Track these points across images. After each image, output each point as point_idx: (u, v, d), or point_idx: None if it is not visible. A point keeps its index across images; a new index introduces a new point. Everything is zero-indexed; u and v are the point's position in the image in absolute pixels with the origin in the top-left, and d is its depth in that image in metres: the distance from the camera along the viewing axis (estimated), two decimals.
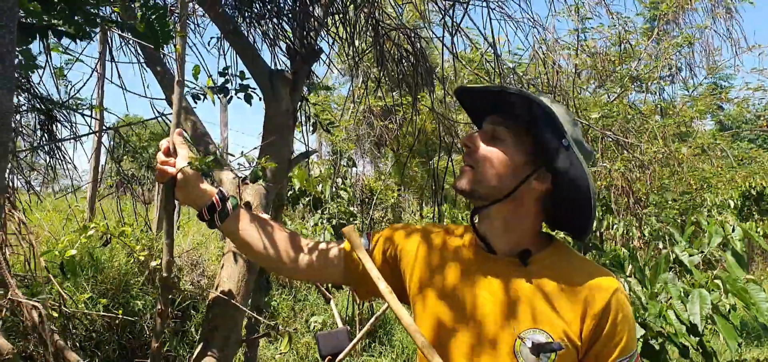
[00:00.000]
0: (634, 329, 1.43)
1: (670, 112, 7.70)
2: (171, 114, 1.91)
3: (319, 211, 6.02)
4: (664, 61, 6.96)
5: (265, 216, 1.64)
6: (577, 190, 1.39)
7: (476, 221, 1.50)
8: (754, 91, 7.26)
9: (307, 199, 6.17)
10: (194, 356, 1.88)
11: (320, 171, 6.31)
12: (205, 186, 1.53)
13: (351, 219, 6.40)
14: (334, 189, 6.17)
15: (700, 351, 3.23)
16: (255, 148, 1.81)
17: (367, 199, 8.47)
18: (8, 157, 0.81)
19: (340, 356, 3.55)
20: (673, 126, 7.46)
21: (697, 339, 3.17)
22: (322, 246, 1.63)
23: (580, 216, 1.44)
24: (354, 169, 7.90)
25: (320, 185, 6.22)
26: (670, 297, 3.15)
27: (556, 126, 1.36)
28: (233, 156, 1.84)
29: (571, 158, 1.36)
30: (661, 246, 4.13)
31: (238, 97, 2.39)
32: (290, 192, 6.19)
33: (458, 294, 1.45)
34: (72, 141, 2.68)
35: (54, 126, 2.82)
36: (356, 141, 8.30)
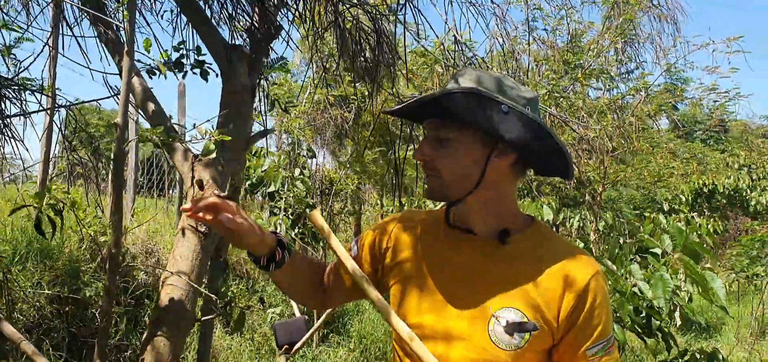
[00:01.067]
0: (611, 313, 1.43)
1: (626, 107, 7.85)
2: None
3: (273, 201, 5.95)
4: (612, 45, 7.08)
5: (300, 253, 1.69)
6: (540, 143, 1.38)
7: (452, 210, 1.52)
8: (709, 90, 7.43)
9: (263, 189, 6.09)
10: (145, 335, 1.82)
11: (274, 160, 6.21)
12: (259, 229, 1.47)
13: (308, 209, 6.34)
14: (290, 179, 6.10)
15: (661, 335, 3.33)
16: (208, 120, 1.75)
17: (327, 190, 8.42)
18: None
19: (297, 345, 3.52)
20: (628, 119, 7.61)
21: (658, 322, 3.26)
22: (331, 270, 1.74)
23: (558, 162, 1.44)
24: (314, 159, 7.84)
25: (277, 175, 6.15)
26: (636, 281, 3.26)
27: (487, 100, 1.34)
28: (184, 128, 1.77)
29: (521, 119, 1.35)
30: (621, 241, 4.25)
31: (194, 73, 2.33)
32: (248, 182, 6.10)
33: (434, 274, 1.45)
34: (21, 118, 2.57)
35: (2, 103, 2.71)
36: (316, 131, 8.25)
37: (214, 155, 1.82)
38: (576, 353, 1.38)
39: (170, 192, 11.91)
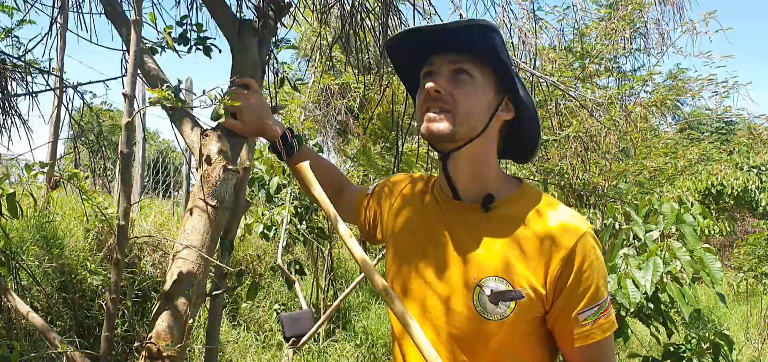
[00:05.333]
0: (605, 276, 1.37)
1: (630, 107, 7.80)
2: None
3: (279, 194, 5.92)
4: (619, 35, 7.04)
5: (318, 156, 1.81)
6: (529, 115, 1.40)
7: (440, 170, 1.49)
8: (707, 81, 7.35)
9: (267, 184, 6.05)
10: (155, 309, 1.80)
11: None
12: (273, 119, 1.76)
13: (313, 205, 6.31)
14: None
15: (661, 321, 3.27)
16: (214, 88, 1.72)
17: None
18: None
19: (304, 338, 3.49)
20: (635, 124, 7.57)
21: (653, 306, 3.21)
22: (353, 190, 1.86)
23: (530, 141, 1.46)
24: (320, 153, 7.83)
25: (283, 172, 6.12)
26: (628, 268, 3.19)
27: (505, 47, 1.34)
28: (194, 94, 1.74)
29: (523, 84, 1.38)
30: (617, 226, 4.17)
31: (198, 49, 2.31)
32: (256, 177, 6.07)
33: (420, 242, 1.45)
34: (27, 97, 2.56)
35: (7, 84, 2.69)
36: (320, 125, 8.22)
37: (223, 120, 1.79)
38: (568, 318, 1.34)
39: (176, 193, 11.92)
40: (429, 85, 1.35)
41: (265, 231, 5.35)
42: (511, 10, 2.73)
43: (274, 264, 6.87)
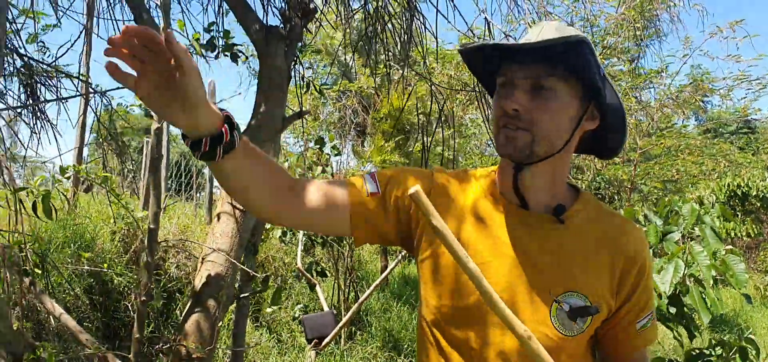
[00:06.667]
0: None
1: (647, 108, 7.72)
2: None
3: None
4: (632, 24, 6.96)
5: (254, 147, 1.27)
6: (615, 116, 1.29)
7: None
8: (739, 80, 7.26)
9: None
10: (185, 310, 1.83)
11: (291, 160, 6.19)
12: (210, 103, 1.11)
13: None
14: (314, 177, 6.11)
15: (682, 322, 3.23)
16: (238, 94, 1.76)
17: None
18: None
19: (327, 340, 3.51)
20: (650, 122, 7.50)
21: (674, 309, 3.16)
22: (322, 185, 1.33)
23: (615, 140, 1.34)
24: (338, 157, 7.84)
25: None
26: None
27: (593, 55, 1.19)
28: (223, 100, 1.77)
29: (610, 88, 1.27)
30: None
31: (225, 55, 2.35)
32: None
33: (485, 252, 1.29)
34: (56, 103, 2.61)
35: (37, 89, 2.75)
36: (338, 128, 8.25)
37: (253, 128, 1.82)
38: (628, 327, 1.33)
39: (198, 195, 12.04)
40: (506, 104, 1.23)
41: (282, 236, 5.39)
42: (517, 4, 2.72)
43: (294, 266, 6.91)
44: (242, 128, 2.11)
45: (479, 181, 1.40)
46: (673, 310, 3.21)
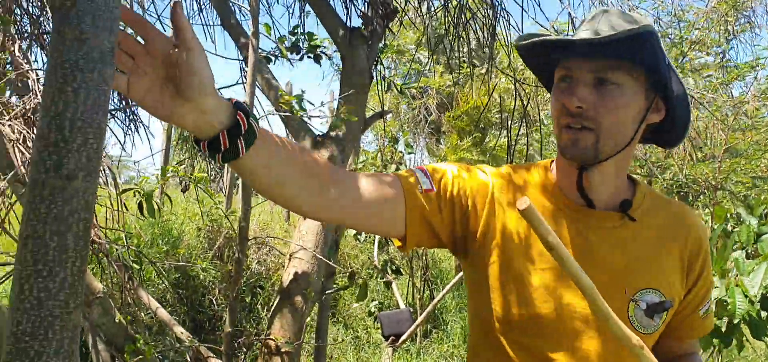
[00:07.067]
0: None
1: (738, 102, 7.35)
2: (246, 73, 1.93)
3: None
4: (723, 17, 6.65)
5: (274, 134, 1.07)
6: (681, 106, 1.21)
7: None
8: None
9: None
10: (274, 305, 1.90)
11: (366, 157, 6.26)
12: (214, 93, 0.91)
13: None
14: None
15: None
16: (331, 101, 1.80)
17: None
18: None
19: (403, 337, 3.53)
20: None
21: (766, 313, 3.00)
22: (370, 179, 1.18)
23: (679, 129, 1.26)
24: (411, 155, 7.86)
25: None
26: (737, 274, 3.00)
27: (659, 45, 1.13)
28: (312, 105, 1.82)
29: (675, 77, 1.20)
30: (729, 227, 3.90)
31: (309, 57, 2.40)
32: None
33: (545, 254, 1.20)
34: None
35: None
36: (412, 126, 8.26)
37: (341, 131, 1.86)
38: (692, 315, 1.30)
39: None
40: (569, 101, 1.16)
41: (356, 234, 5.46)
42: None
43: (368, 264, 6.99)
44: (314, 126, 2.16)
45: (532, 176, 1.31)
46: (764, 314, 3.06)
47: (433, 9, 2.49)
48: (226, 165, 1.01)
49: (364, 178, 1.17)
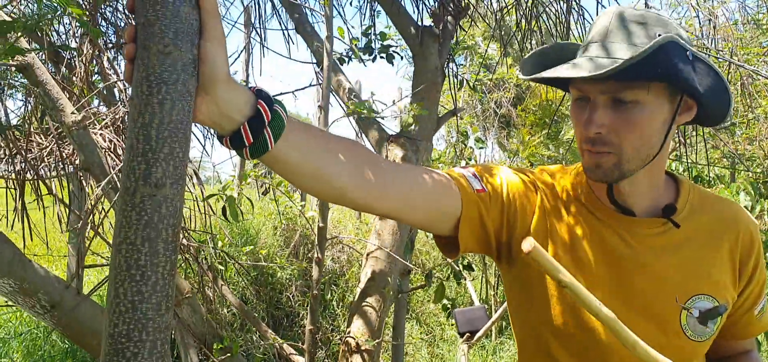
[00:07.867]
0: None
1: None
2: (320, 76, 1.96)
3: None
4: None
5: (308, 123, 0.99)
6: (714, 94, 1.11)
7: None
8: None
9: None
10: (353, 304, 1.92)
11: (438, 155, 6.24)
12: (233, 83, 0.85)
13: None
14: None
15: None
16: (401, 99, 1.80)
17: None
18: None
19: (479, 334, 3.51)
20: None
21: None
22: (421, 173, 1.12)
23: (720, 111, 1.15)
24: (482, 149, 7.79)
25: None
26: None
27: (676, 46, 1.04)
28: (385, 105, 1.82)
29: (702, 66, 1.10)
30: None
31: (381, 57, 2.42)
32: None
33: (598, 265, 1.17)
34: None
35: None
36: (482, 120, 8.17)
37: (412, 128, 1.86)
38: (747, 314, 1.25)
39: None
40: (587, 129, 1.10)
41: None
42: None
43: (439, 260, 6.97)
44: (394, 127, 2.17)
45: (570, 183, 1.26)
46: None
47: (505, 4, 2.45)
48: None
49: (416, 173, 1.12)
